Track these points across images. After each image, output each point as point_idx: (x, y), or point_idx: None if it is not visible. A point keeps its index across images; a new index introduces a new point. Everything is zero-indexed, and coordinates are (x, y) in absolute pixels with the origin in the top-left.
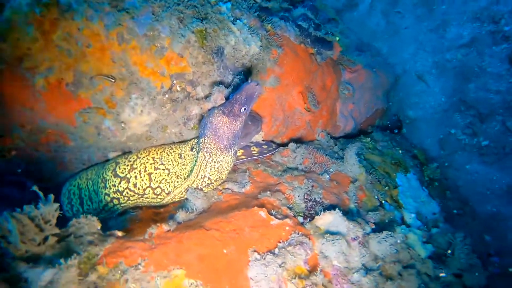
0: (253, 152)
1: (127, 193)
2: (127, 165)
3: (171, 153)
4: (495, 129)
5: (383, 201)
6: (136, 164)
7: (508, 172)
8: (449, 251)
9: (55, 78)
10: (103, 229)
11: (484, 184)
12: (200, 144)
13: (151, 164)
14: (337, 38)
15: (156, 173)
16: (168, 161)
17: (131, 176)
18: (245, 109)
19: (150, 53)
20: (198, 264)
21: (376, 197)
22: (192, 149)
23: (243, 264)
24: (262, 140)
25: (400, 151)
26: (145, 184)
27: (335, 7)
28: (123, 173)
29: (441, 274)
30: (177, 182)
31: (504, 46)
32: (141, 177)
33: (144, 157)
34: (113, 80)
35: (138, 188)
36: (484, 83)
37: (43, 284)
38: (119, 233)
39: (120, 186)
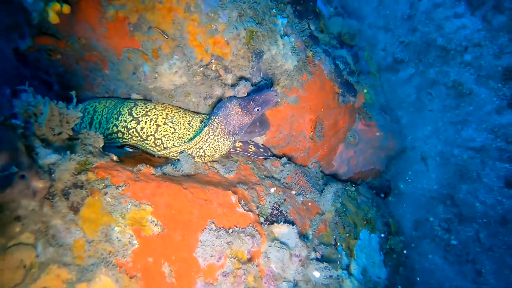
0: (250, 149)
1: (133, 132)
2: (143, 110)
3: (183, 116)
4: (468, 235)
5: (338, 243)
6: (151, 113)
7: (462, 277)
8: None
9: (123, 14)
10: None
11: (438, 278)
12: (210, 121)
13: (163, 118)
14: (365, 90)
15: (163, 127)
16: (178, 122)
17: (142, 120)
18: (258, 109)
19: (204, 30)
20: (165, 209)
21: (334, 237)
22: (201, 122)
23: (199, 227)
24: (262, 144)
25: (376, 213)
26: (150, 132)
27: (379, 64)
28: (137, 114)
29: None
30: (177, 142)
31: (505, 166)
32: (150, 124)
33: (159, 110)
34: (166, 37)
35: (144, 133)
36: (476, 189)
37: (47, 162)
38: (114, 157)
39: (130, 124)
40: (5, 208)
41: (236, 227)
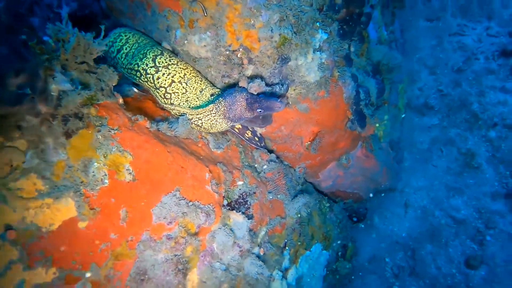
0: (246, 134)
1: (149, 78)
2: (166, 62)
3: (198, 82)
4: None
5: (287, 247)
6: (171, 67)
7: None
8: None
9: None
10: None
11: None
12: (217, 100)
13: (180, 76)
14: (376, 125)
15: (176, 85)
16: (191, 86)
17: (160, 70)
18: (260, 111)
19: (241, 21)
20: (143, 163)
21: (286, 240)
22: (211, 95)
23: (165, 189)
24: (259, 134)
25: (338, 234)
26: (164, 84)
27: (409, 100)
28: (159, 64)
29: None
30: (183, 103)
31: (473, 247)
32: (166, 77)
33: (180, 68)
34: (205, 15)
35: (158, 82)
36: (438, 254)
37: (60, 88)
38: (120, 100)
39: (149, 69)
40: (11, 117)
41: (198, 201)
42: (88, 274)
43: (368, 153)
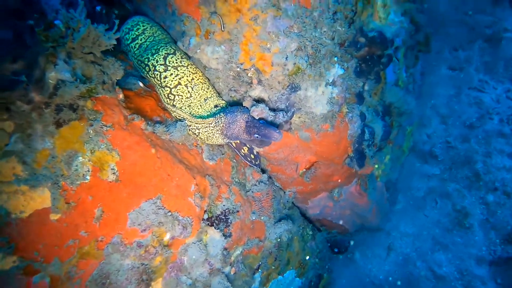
0: (242, 150)
1: (156, 74)
2: (176, 62)
3: (204, 90)
4: None
5: (260, 270)
6: (181, 69)
7: None
8: None
9: None
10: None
11: None
12: (218, 114)
13: (187, 80)
14: (376, 166)
15: (182, 88)
16: (196, 92)
17: (169, 70)
18: (257, 137)
19: (258, 43)
20: (129, 165)
21: (260, 263)
22: (215, 106)
23: (147, 195)
24: (256, 152)
25: (315, 264)
26: (170, 84)
27: (415, 144)
28: (169, 63)
29: None
30: (185, 108)
31: None
32: (173, 78)
33: (189, 71)
34: (222, 30)
35: (164, 81)
36: None
37: (59, 77)
38: (121, 96)
39: (158, 67)
40: (0, 99)
41: (177, 212)
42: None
43: (362, 191)
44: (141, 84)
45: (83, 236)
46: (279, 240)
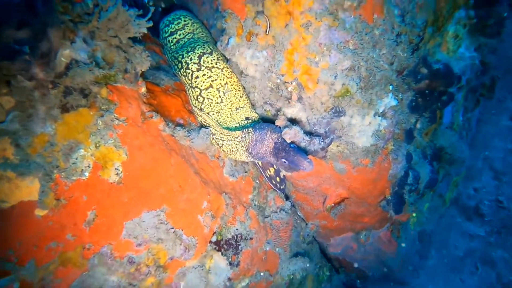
0: (268, 171)
1: (188, 73)
2: (211, 63)
3: (237, 97)
4: None
5: None
6: (215, 71)
7: None
8: None
9: None
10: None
11: None
12: (246, 129)
13: (220, 83)
14: (413, 214)
15: (213, 91)
16: (228, 98)
17: (202, 70)
18: (284, 162)
19: (306, 54)
20: (136, 167)
21: None
22: (246, 118)
23: (150, 206)
24: (283, 175)
25: None
26: (201, 86)
27: (459, 196)
28: (204, 63)
29: None
30: (213, 114)
31: None
32: (205, 79)
33: (224, 75)
34: (267, 33)
35: (195, 82)
36: None
37: (73, 56)
38: (142, 89)
39: (191, 65)
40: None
41: (181, 230)
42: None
43: (393, 239)
44: (171, 81)
45: (69, 240)
46: (291, 277)
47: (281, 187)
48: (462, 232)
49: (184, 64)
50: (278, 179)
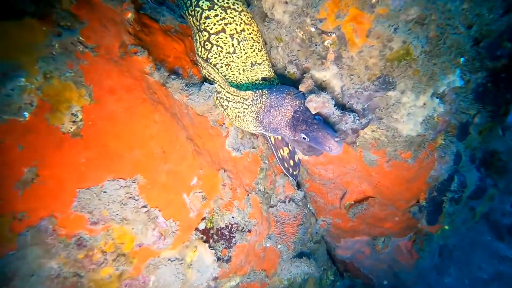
0: (281, 151)
1: (197, 12)
2: (226, 4)
3: (254, 50)
4: None
5: None
6: (231, 12)
7: None
8: None
9: None
10: None
11: None
12: (260, 90)
13: (235, 28)
14: (446, 227)
15: (225, 38)
16: (243, 49)
17: (214, 9)
18: (304, 138)
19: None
20: (103, 116)
21: None
22: (262, 79)
23: (117, 171)
24: (298, 158)
25: None
26: (210, 29)
27: (491, 212)
28: (217, 1)
29: None
30: (220, 67)
31: None
32: (217, 21)
33: (241, 20)
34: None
35: (204, 23)
36: None
37: None
38: (129, 14)
39: (202, 2)
40: None
41: (158, 211)
42: None
43: (414, 251)
44: (176, 21)
45: None
46: (291, 281)
47: (294, 173)
48: (490, 252)
49: (194, 1)
50: (291, 162)
